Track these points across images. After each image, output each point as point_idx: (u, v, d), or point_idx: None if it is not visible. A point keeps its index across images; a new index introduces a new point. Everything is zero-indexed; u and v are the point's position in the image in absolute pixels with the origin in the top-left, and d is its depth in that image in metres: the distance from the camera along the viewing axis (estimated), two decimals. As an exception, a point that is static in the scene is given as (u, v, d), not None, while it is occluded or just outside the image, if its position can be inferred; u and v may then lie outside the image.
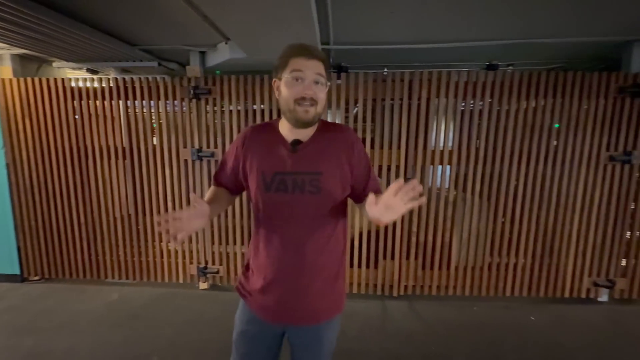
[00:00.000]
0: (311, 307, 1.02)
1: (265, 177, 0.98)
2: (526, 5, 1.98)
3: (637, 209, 2.56)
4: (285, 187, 0.97)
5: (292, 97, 0.92)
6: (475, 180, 2.59)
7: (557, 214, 2.60)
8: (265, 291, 1.02)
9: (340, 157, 1.00)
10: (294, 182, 0.97)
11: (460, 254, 2.70)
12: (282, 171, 0.98)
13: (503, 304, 2.67)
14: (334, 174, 0.99)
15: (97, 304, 2.63)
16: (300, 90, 0.91)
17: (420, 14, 2.11)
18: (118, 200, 2.82)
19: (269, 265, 1.01)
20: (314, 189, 0.97)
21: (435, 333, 2.33)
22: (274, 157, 0.99)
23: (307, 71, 0.91)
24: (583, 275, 2.65)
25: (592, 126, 2.48)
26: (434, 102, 2.52)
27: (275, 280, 1.01)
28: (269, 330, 1.06)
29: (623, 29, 2.35)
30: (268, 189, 0.98)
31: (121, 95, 2.66)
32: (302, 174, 0.97)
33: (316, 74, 0.92)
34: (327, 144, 1.01)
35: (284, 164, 0.98)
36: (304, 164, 0.98)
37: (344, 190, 1.02)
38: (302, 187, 0.97)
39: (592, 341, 2.22)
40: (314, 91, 0.92)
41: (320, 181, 0.97)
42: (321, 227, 1.00)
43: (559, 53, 2.98)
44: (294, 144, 1.00)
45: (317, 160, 0.99)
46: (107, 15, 2.06)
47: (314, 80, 0.92)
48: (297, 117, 0.94)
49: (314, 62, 0.92)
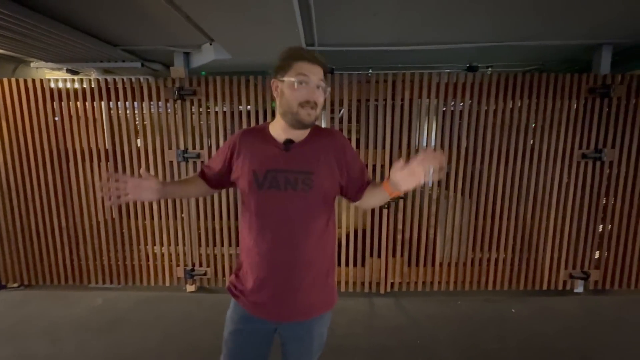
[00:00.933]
0: (305, 302, 1.05)
1: (258, 175, 1.01)
2: (503, 9, 2.07)
3: (608, 204, 2.70)
4: (277, 184, 1.00)
5: (297, 100, 0.96)
6: (458, 179, 2.67)
7: (535, 209, 2.71)
8: (259, 289, 1.04)
9: (331, 159, 1.05)
10: (286, 179, 1.00)
11: (444, 250, 2.77)
12: (274, 169, 1.00)
13: (485, 297, 2.76)
14: (325, 173, 1.03)
15: (80, 310, 2.57)
16: (305, 94, 0.95)
17: (403, 17, 2.17)
18: (101, 204, 2.76)
19: (262, 262, 1.03)
20: (306, 186, 1.00)
21: (421, 327, 2.39)
22: (266, 156, 1.02)
23: (311, 76, 0.95)
24: (560, 268, 2.77)
25: (566, 125, 2.60)
26: (417, 103, 2.59)
27: (269, 278, 1.03)
28: (262, 327, 1.07)
29: (592, 33, 2.48)
30: (260, 186, 1.00)
31: (103, 97, 2.62)
32: (294, 172, 1.00)
33: (319, 79, 0.97)
34: (319, 146, 1.05)
35: (276, 162, 1.01)
36: (296, 163, 1.01)
37: (334, 190, 1.07)
38: (294, 185, 1.00)
39: (569, 330, 2.33)
40: (316, 96, 0.97)
41: (312, 179, 1.01)
42: (313, 224, 1.03)
43: (533, 55, 3.12)
44: (286, 143, 1.03)
45: (309, 160, 1.02)
46: (87, 15, 2.02)
47: (317, 85, 0.96)
48: (300, 119, 0.97)
49: (317, 68, 0.97)
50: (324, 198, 1.04)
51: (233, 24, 1.87)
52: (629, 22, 2.27)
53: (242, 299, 1.08)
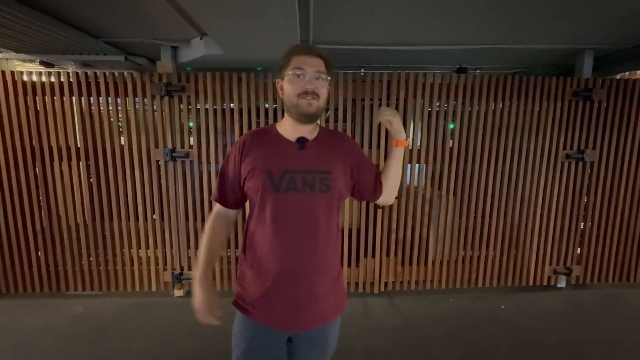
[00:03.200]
0: (321, 308, 1.02)
1: (273, 177, 0.96)
2: (491, 14, 2.11)
3: (589, 202, 2.82)
4: (295, 186, 0.96)
5: (295, 92, 0.94)
6: (450, 178, 2.71)
7: (522, 208, 2.80)
8: (274, 298, 0.98)
9: (344, 158, 1.04)
10: (304, 180, 0.96)
11: (436, 249, 2.81)
12: (291, 169, 0.96)
13: (476, 294, 2.82)
14: (340, 173, 1.01)
15: (59, 319, 2.40)
16: (302, 85, 0.93)
17: (397, 18, 2.16)
18: (80, 205, 2.59)
19: (278, 270, 0.97)
20: (325, 187, 0.97)
21: (415, 326, 2.41)
22: (281, 156, 0.98)
23: (307, 67, 0.93)
24: (545, 264, 2.87)
25: (551, 127, 2.70)
26: (411, 103, 2.60)
27: (286, 286, 0.98)
28: (277, 340, 1.03)
29: (575, 38, 2.59)
30: (277, 188, 0.95)
31: (83, 92, 2.45)
32: (312, 173, 0.97)
33: (317, 70, 0.94)
34: (331, 146, 1.04)
35: (293, 162, 0.97)
36: (313, 162, 0.98)
37: (347, 191, 1.06)
38: (312, 186, 0.96)
39: (555, 324, 2.42)
40: (315, 85, 0.94)
41: (330, 180, 0.98)
42: (330, 227, 1.01)
43: (519, 58, 3.22)
44: (300, 140, 1.00)
45: (325, 159, 1.00)
46: (67, 3, 1.88)
47: (314, 77, 0.94)
48: (301, 110, 0.95)
49: (315, 59, 0.95)
50: (338, 199, 1.02)
51: (229, 19, 1.79)
52: (610, 29, 2.38)
53: (254, 313, 1.01)
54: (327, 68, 0.97)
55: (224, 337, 2.15)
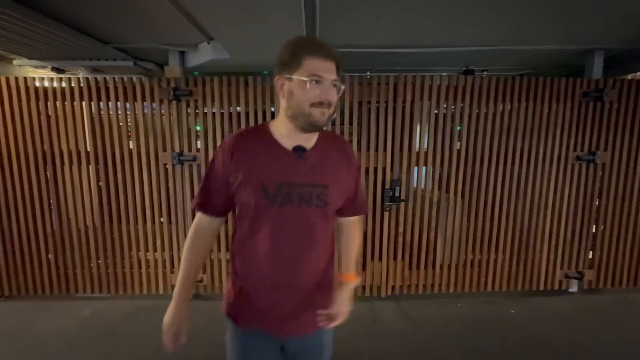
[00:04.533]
0: (315, 315, 0.99)
1: (268, 190, 0.88)
2: (498, 15, 2.09)
3: (601, 205, 2.77)
4: (291, 201, 0.89)
5: (309, 100, 0.85)
6: (457, 181, 2.68)
7: (532, 211, 2.75)
8: (268, 305, 0.96)
9: (343, 167, 0.98)
10: (300, 195, 0.90)
11: (444, 252, 2.77)
12: (288, 182, 0.89)
13: (484, 298, 2.78)
14: (339, 186, 0.96)
15: (67, 322, 2.43)
16: (319, 94, 0.84)
17: (404, 20, 2.15)
18: (90, 208, 2.62)
19: (272, 281, 0.94)
20: (321, 202, 0.92)
21: (423, 331, 2.37)
22: (276, 167, 0.90)
23: (326, 75, 0.85)
24: (556, 268, 2.82)
25: (560, 128, 2.65)
26: (418, 105, 2.59)
27: (280, 295, 0.95)
28: (270, 346, 1.01)
29: (585, 38, 2.54)
30: (272, 202, 0.89)
31: (93, 96, 2.49)
32: (309, 186, 0.91)
33: (334, 79, 0.86)
34: (331, 155, 0.96)
35: (290, 174, 0.90)
36: (311, 175, 0.92)
37: (342, 203, 1.01)
38: (309, 201, 0.91)
39: (567, 330, 2.36)
40: (331, 95, 0.86)
41: (327, 195, 0.92)
42: (323, 237, 0.97)
43: (527, 60, 3.18)
44: (298, 150, 0.92)
45: (324, 171, 0.93)
46: (78, 11, 1.91)
47: (332, 84, 0.86)
48: (313, 121, 0.86)
49: (331, 64, 0.86)
50: (334, 211, 1.00)
51: (237, 24, 1.81)
52: (620, 29, 2.34)
53: (246, 320, 0.99)
54: (338, 72, 0.89)
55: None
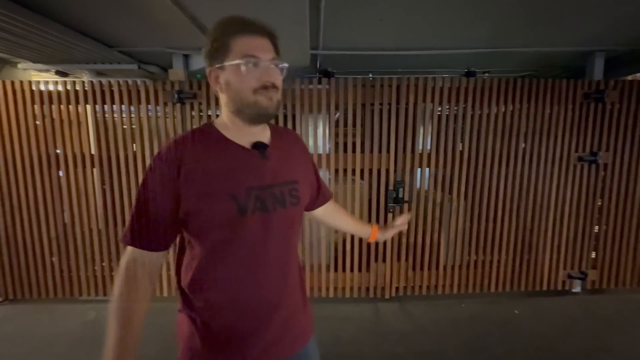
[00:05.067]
0: (301, 328, 0.91)
1: (238, 199, 0.75)
2: (499, 17, 2.11)
3: (603, 205, 2.78)
4: (264, 206, 0.77)
5: (250, 87, 0.73)
6: (460, 182, 2.69)
7: (534, 211, 2.76)
8: (251, 340, 0.81)
9: (303, 160, 0.92)
10: (273, 196, 0.79)
11: (447, 253, 2.78)
12: (257, 185, 0.77)
13: (488, 299, 2.78)
14: (305, 180, 0.89)
15: (72, 325, 2.43)
16: (258, 77, 0.73)
17: (407, 22, 2.18)
18: (94, 212, 2.63)
19: (255, 301, 0.81)
20: (295, 199, 0.83)
21: (427, 332, 2.38)
22: (240, 170, 0.77)
23: (262, 54, 0.73)
24: (558, 269, 2.83)
25: (562, 129, 2.67)
26: (421, 107, 2.60)
27: (266, 317, 0.82)
28: None
29: (586, 40, 2.57)
30: (243, 212, 0.75)
31: (97, 100, 2.50)
32: (280, 185, 0.80)
33: (274, 57, 0.76)
34: (288, 147, 0.88)
35: (256, 176, 0.78)
36: (279, 173, 0.81)
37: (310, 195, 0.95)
38: (282, 201, 0.80)
39: (571, 330, 2.37)
40: (274, 77, 0.75)
41: (299, 190, 0.84)
42: (296, 240, 0.88)
43: (528, 61, 3.21)
44: (258, 147, 0.80)
45: (290, 166, 0.85)
46: (84, 15, 1.93)
47: (273, 64, 0.75)
48: (261, 109, 0.75)
49: (265, 41, 0.75)
50: (309, 203, 0.94)
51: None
52: (621, 30, 2.36)
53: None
54: (277, 50, 0.78)
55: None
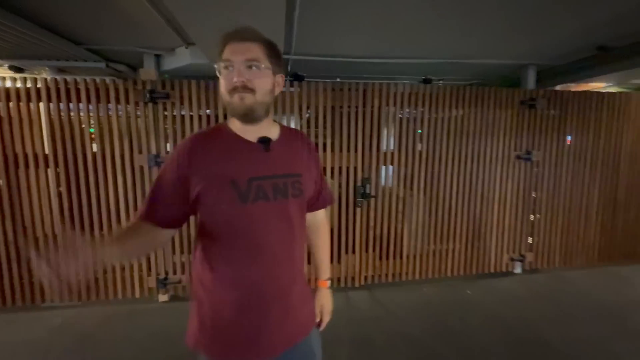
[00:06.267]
0: (301, 320, 0.94)
1: (239, 186, 0.81)
2: (452, 34, 2.43)
3: (537, 197, 3.24)
4: (265, 195, 0.83)
5: (225, 89, 0.80)
6: (420, 179, 2.99)
7: (482, 204, 3.14)
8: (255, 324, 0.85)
9: (309, 159, 0.96)
10: (275, 186, 0.84)
11: (410, 243, 3.06)
12: (259, 175, 0.83)
13: (446, 283, 3.11)
14: (309, 175, 0.93)
15: (36, 333, 2.32)
16: (230, 79, 0.78)
17: (372, 34, 2.41)
18: (59, 214, 2.52)
19: (248, 291, 0.84)
20: (298, 191, 0.88)
21: (394, 314, 2.61)
22: (243, 160, 0.83)
23: (235, 57, 0.78)
24: (502, 253, 3.24)
25: (503, 131, 3.08)
26: (385, 110, 2.86)
27: (266, 306, 0.85)
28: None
29: (521, 55, 3.00)
30: (245, 199, 0.81)
31: (62, 98, 2.42)
32: (282, 177, 0.86)
33: (247, 58, 0.78)
34: (297, 146, 0.94)
35: (259, 167, 0.84)
36: (281, 165, 0.87)
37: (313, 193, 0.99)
38: (284, 192, 0.85)
39: (513, 304, 2.75)
40: (246, 77, 0.78)
41: (302, 183, 0.89)
42: (302, 232, 0.93)
43: (476, 71, 3.63)
44: (264, 141, 0.86)
45: (294, 161, 0.91)
46: (50, 10, 1.88)
47: (246, 65, 0.78)
48: (235, 110, 0.81)
49: (247, 45, 0.80)
50: (308, 203, 0.95)
51: (221, 32, 1.91)
52: (548, 48, 2.81)
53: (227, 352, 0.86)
54: (268, 54, 0.82)
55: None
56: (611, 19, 2.13)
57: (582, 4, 1.89)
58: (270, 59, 0.83)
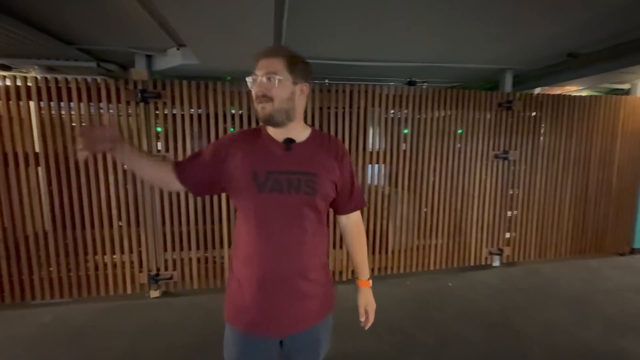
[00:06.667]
0: (309, 309, 1.02)
1: (258, 177, 0.95)
2: (434, 38, 2.56)
3: (514, 194, 3.43)
4: (280, 187, 0.95)
5: (253, 99, 0.96)
6: (404, 177, 3.13)
7: (463, 200, 3.31)
8: (259, 304, 0.97)
9: (333, 162, 1.02)
10: (289, 181, 0.95)
11: (394, 239, 3.20)
12: (276, 170, 0.96)
13: (428, 276, 3.26)
14: (326, 176, 1.00)
15: (28, 329, 2.35)
16: (254, 91, 0.94)
17: (359, 38, 2.52)
18: (50, 212, 2.54)
19: (262, 270, 0.96)
20: (310, 189, 0.97)
21: (380, 305, 2.66)
22: (267, 156, 0.98)
23: (259, 71, 0.93)
24: (482, 247, 3.41)
25: (482, 132, 3.25)
26: (370, 111, 2.98)
27: (271, 286, 0.97)
28: (267, 345, 1.01)
29: (498, 60, 3.17)
30: (261, 189, 0.94)
31: (53, 96, 2.44)
32: (297, 174, 0.96)
33: (266, 72, 0.91)
34: (321, 149, 1.03)
35: (278, 163, 0.97)
36: (298, 164, 0.98)
37: (333, 193, 1.05)
38: (297, 187, 0.96)
39: (491, 295, 2.92)
40: (265, 88, 0.92)
41: (316, 182, 0.97)
42: (315, 227, 1.00)
43: (458, 75, 3.80)
44: (287, 142, 0.99)
45: (311, 162, 0.99)
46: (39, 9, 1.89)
47: (266, 78, 0.92)
48: (258, 115, 0.96)
49: (269, 61, 0.93)
50: (324, 201, 1.02)
51: (213, 36, 1.99)
52: (524, 54, 2.99)
53: (240, 322, 1.00)
54: (289, 67, 0.93)
55: (208, 329, 2.31)
56: (580, 27, 2.30)
57: (553, 13, 2.04)
58: (290, 71, 0.94)
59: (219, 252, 2.87)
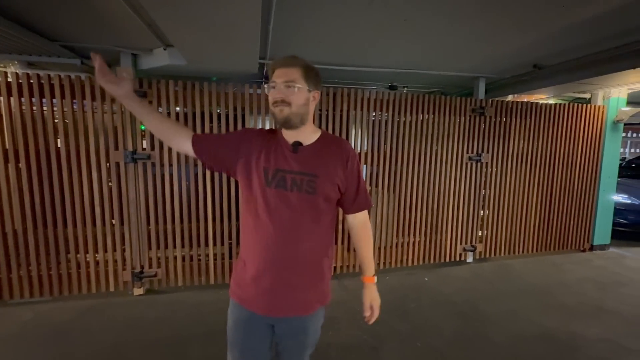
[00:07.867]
0: (301, 299, 1.08)
1: (268, 173, 1.05)
2: (412, 47, 2.72)
3: (486, 194, 3.66)
4: (284, 184, 1.04)
5: (270, 102, 1.05)
6: (384, 177, 3.28)
7: (439, 200, 3.50)
8: (257, 282, 1.06)
9: (336, 165, 1.09)
10: (293, 180, 1.05)
11: (375, 236, 3.34)
12: (284, 169, 1.06)
13: (406, 272, 3.43)
14: (328, 178, 1.07)
15: (7, 328, 2.32)
16: (272, 96, 1.03)
17: (342, 45, 2.64)
18: (30, 209, 2.51)
19: (262, 256, 1.06)
20: (311, 189, 1.05)
21: (359, 299, 2.85)
22: (278, 156, 1.07)
23: (277, 79, 1.02)
24: (457, 244, 3.62)
25: (458, 135, 3.45)
26: (353, 114, 3.11)
27: (267, 273, 1.05)
28: (257, 321, 1.10)
29: (472, 68, 3.38)
30: (269, 184, 1.05)
31: (35, 93, 2.42)
32: (300, 174, 1.05)
33: (285, 80, 1.01)
34: (326, 151, 1.10)
35: (286, 163, 1.06)
36: (302, 165, 1.06)
37: (335, 194, 1.11)
38: (299, 186, 1.04)
39: (463, 288, 3.12)
40: (284, 94, 1.01)
41: (316, 183, 1.05)
42: (314, 224, 1.07)
43: (436, 81, 4.00)
44: (295, 145, 1.08)
45: (314, 164, 1.07)
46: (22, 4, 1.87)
47: (285, 85, 1.01)
48: (275, 117, 1.05)
49: (287, 70, 1.02)
50: (326, 201, 1.08)
51: (200, 40, 2.04)
52: (493, 64, 3.21)
53: (237, 295, 1.12)
54: (304, 76, 1.03)
55: (192, 323, 2.36)
56: (543, 42, 2.52)
57: (519, 26, 2.23)
58: (306, 80, 1.04)
59: (203, 249, 2.92)
